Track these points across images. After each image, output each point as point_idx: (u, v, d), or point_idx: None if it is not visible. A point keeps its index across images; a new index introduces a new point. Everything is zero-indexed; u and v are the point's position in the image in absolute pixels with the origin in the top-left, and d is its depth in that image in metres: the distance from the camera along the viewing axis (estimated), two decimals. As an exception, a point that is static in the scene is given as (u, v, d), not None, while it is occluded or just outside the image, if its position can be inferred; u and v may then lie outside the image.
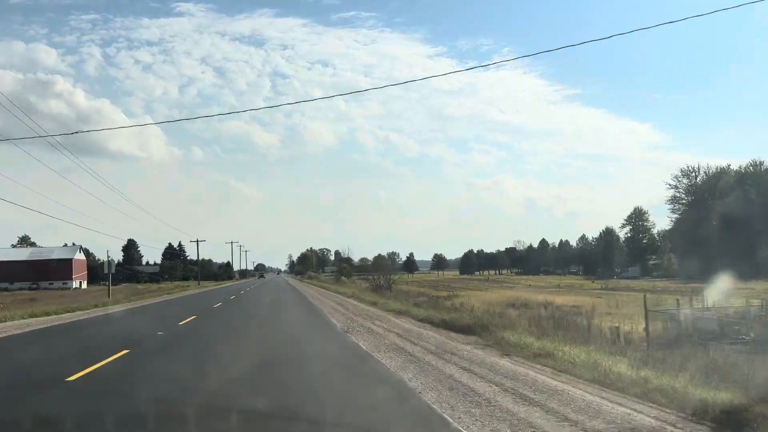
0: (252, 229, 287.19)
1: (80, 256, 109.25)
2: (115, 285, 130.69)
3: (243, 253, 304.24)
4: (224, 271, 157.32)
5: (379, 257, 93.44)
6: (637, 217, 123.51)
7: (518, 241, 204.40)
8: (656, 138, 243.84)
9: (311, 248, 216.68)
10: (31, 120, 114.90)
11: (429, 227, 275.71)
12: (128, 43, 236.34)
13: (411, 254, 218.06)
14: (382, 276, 58.08)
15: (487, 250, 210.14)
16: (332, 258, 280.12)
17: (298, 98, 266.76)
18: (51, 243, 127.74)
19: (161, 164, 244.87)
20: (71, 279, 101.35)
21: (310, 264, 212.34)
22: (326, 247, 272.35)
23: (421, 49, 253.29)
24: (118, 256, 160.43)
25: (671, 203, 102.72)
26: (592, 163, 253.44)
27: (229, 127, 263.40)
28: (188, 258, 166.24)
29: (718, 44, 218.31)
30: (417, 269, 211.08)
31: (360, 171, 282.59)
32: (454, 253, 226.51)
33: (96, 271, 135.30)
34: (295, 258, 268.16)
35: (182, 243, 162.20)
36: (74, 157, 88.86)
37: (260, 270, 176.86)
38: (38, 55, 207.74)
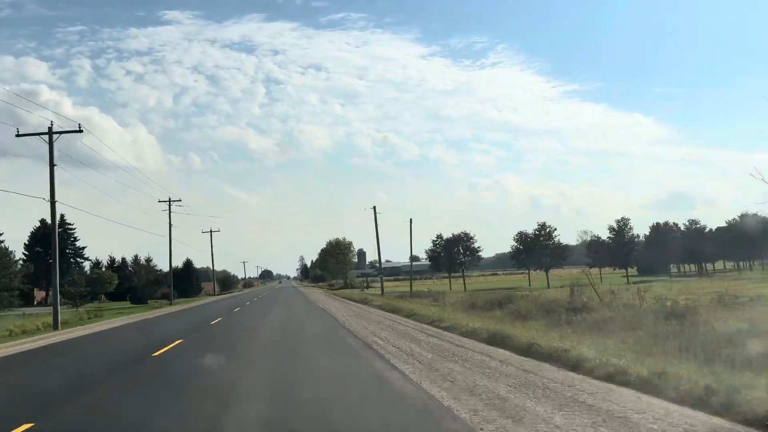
0: (254, 236, 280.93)
1: None
2: None
3: (214, 245, 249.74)
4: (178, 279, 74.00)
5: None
6: None
7: (584, 232, 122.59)
8: (659, 132, 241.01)
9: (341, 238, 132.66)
10: None
11: (434, 229, 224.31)
12: (118, 53, 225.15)
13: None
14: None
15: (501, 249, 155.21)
16: (355, 259, 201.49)
17: (293, 104, 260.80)
18: None
19: (158, 173, 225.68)
20: None
21: (339, 263, 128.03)
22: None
23: (415, 50, 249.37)
24: None
25: None
26: (595, 160, 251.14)
27: (224, 133, 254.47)
28: (81, 248, 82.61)
29: (718, 35, 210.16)
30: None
31: (360, 174, 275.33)
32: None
33: None
34: (308, 260, 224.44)
35: (66, 217, 79.09)
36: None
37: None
38: (28, 68, 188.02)
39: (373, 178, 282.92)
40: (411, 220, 59.81)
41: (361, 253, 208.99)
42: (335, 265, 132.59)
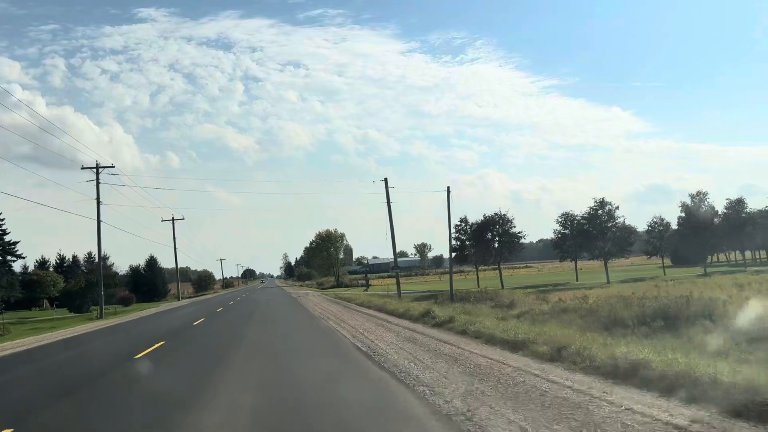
0: (236, 235, 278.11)
1: None
2: None
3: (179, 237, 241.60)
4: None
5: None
6: None
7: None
8: (638, 126, 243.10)
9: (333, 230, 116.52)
10: None
11: (418, 227, 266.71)
12: (92, 52, 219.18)
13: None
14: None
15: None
16: (341, 255, 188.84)
17: (273, 102, 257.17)
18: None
19: (135, 173, 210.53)
20: None
21: (329, 258, 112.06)
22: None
23: (394, 46, 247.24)
24: None
25: None
26: (575, 154, 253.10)
27: (203, 132, 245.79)
28: (11, 243, 65.53)
29: (695, 30, 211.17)
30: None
31: (342, 172, 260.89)
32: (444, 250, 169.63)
33: None
34: (291, 258, 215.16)
35: None
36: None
37: None
38: (0, 68, 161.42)
39: (356, 176, 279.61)
40: (449, 188, 43.93)
41: (348, 250, 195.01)
42: (325, 260, 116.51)
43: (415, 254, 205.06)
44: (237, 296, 65.33)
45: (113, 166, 40.86)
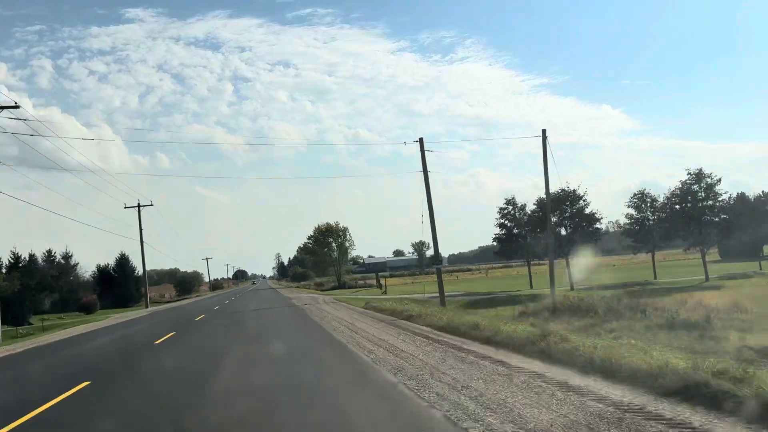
0: (228, 236, 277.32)
1: None
2: None
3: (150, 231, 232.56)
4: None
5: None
6: None
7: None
8: (628, 124, 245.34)
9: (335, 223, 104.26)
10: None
11: (414, 226, 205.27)
12: (79, 53, 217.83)
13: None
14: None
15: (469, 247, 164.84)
16: (334, 254, 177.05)
17: (263, 102, 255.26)
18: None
19: (124, 175, 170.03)
20: None
21: (328, 255, 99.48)
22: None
23: (384, 45, 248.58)
24: None
25: None
26: (566, 152, 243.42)
27: (192, 132, 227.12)
28: None
29: (684, 28, 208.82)
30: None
31: (334, 172, 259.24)
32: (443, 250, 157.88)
33: None
34: (284, 258, 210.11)
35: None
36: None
37: None
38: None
39: (347, 175, 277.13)
40: (544, 131, 30.78)
41: (344, 249, 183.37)
42: (325, 257, 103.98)
43: (413, 253, 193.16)
44: (217, 304, 52.17)
45: (17, 106, 27.91)
